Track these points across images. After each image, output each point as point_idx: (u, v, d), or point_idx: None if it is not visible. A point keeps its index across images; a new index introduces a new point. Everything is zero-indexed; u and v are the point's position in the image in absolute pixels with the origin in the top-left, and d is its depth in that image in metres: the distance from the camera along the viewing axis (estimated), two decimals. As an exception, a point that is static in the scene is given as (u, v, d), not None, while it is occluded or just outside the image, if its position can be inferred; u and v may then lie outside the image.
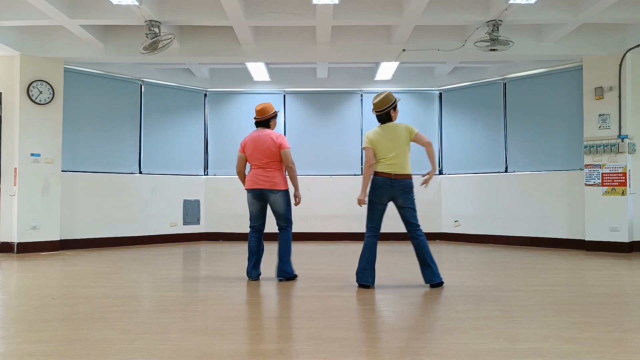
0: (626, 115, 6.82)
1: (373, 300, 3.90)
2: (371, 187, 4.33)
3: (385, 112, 4.38)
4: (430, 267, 4.30)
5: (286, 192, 4.72)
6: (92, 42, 6.89)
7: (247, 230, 9.38)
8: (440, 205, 8.76)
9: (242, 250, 7.30)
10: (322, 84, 9.00)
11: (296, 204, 4.76)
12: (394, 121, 4.42)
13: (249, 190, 4.74)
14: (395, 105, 4.41)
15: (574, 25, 6.34)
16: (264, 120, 4.79)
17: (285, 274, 4.70)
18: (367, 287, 4.32)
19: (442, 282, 4.36)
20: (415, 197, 4.35)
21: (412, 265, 5.78)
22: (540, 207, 7.60)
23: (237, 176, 4.88)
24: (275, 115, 4.84)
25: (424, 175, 4.31)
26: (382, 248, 7.60)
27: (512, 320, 3.25)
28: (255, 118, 4.83)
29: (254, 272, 4.77)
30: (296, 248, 7.70)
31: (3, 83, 6.98)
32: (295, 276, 4.83)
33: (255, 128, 4.83)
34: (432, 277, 4.31)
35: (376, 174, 4.31)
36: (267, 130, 4.75)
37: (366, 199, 4.35)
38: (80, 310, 3.52)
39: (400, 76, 8.74)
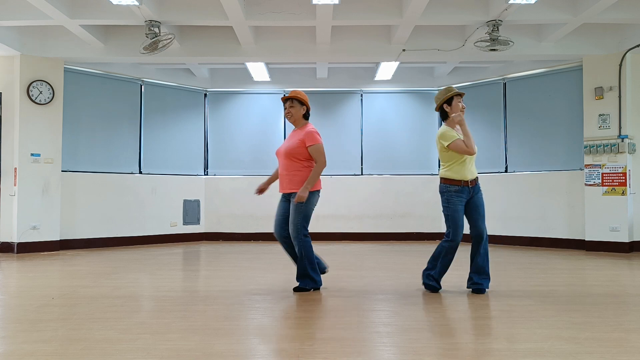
0: (626, 115, 6.82)
1: (373, 301, 3.90)
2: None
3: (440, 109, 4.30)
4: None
5: None
6: (92, 42, 6.89)
7: (246, 230, 9.36)
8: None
9: (242, 251, 7.30)
10: (322, 84, 9.00)
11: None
12: (444, 123, 4.33)
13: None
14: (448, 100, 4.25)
15: (574, 25, 6.34)
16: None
17: None
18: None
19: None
20: (446, 204, 4.45)
21: (412, 265, 5.79)
22: (540, 207, 7.60)
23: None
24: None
25: None
26: (382, 248, 7.64)
27: (512, 320, 3.26)
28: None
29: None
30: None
31: (3, 83, 6.98)
32: None
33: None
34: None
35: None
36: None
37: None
38: (80, 310, 3.52)
39: (400, 76, 8.73)
